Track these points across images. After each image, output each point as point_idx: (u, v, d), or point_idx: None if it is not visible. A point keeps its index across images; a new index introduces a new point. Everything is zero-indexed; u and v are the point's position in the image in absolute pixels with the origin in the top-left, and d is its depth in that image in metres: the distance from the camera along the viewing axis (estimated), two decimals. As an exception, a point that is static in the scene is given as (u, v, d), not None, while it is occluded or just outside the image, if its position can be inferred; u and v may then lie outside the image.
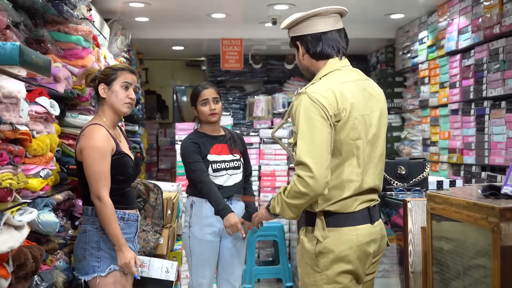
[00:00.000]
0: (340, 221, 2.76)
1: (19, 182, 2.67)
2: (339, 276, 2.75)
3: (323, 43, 2.84)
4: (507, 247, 2.30)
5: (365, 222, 2.79)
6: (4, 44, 2.30)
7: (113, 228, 3.24)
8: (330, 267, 2.75)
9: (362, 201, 2.79)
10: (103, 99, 3.42)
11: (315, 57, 2.88)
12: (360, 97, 2.78)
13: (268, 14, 7.29)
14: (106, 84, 3.40)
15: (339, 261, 2.74)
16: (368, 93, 2.84)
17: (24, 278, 2.69)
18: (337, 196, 2.74)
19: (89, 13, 4.58)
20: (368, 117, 2.79)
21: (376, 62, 9.58)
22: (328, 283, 2.76)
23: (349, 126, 2.71)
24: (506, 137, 5.35)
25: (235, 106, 9.96)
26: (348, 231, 2.75)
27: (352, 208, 2.76)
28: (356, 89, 2.79)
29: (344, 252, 2.73)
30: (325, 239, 2.76)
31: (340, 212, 2.76)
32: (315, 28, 2.83)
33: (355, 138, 2.73)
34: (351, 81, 2.81)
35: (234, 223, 4.06)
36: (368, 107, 2.80)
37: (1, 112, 2.62)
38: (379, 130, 2.84)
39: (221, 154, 4.22)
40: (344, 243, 2.74)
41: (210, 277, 4.25)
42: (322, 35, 2.84)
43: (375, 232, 2.83)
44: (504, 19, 5.35)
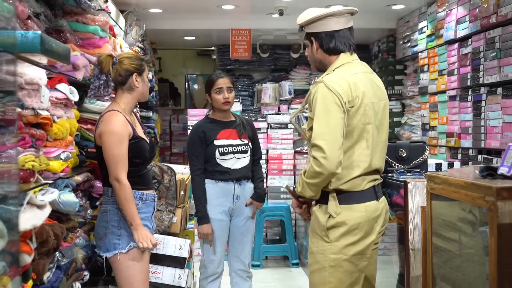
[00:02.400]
0: (352, 199, 2.90)
1: (41, 164, 2.68)
2: (346, 248, 2.88)
3: (336, 40, 2.98)
4: (504, 224, 2.30)
5: (372, 199, 2.93)
6: (26, 33, 2.30)
7: (130, 208, 3.25)
8: (339, 239, 2.88)
9: (369, 180, 2.93)
10: (130, 88, 3.43)
11: (328, 52, 3.02)
12: (369, 86, 2.94)
13: (275, 6, 7.27)
14: (138, 74, 3.44)
15: (348, 234, 2.87)
16: (376, 84, 3.01)
17: (46, 254, 2.70)
18: (347, 175, 2.87)
19: (106, 5, 4.58)
20: (377, 105, 2.94)
21: (378, 51, 9.53)
22: (336, 253, 2.88)
23: (361, 112, 2.85)
24: (502, 122, 5.33)
25: (244, 93, 9.94)
26: (358, 208, 2.89)
27: (361, 186, 2.90)
28: (365, 79, 2.95)
29: (355, 226, 2.87)
30: (338, 215, 2.89)
31: (350, 190, 2.89)
32: (329, 27, 2.97)
33: (366, 122, 2.87)
34: (361, 72, 2.97)
35: (206, 233, 4.18)
36: (376, 96, 2.96)
37: (24, 97, 2.62)
38: (384, 118, 2.99)
39: (229, 138, 4.22)
40: (355, 218, 2.87)
41: (221, 254, 4.26)
42: (335, 33, 2.98)
43: (380, 208, 2.97)
44: (501, 9, 5.31)
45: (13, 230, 1.85)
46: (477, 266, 2.55)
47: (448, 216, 2.86)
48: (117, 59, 3.44)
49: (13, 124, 2.00)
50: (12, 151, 1.97)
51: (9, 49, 1.86)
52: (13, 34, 1.97)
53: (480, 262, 2.49)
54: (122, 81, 3.42)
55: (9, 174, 1.94)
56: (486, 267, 2.39)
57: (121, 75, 3.41)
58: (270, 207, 6.69)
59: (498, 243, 2.30)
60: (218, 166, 4.18)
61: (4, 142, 1.94)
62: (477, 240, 2.53)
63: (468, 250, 2.63)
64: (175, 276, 4.05)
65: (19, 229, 2.08)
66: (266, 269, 6.52)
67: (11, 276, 1.83)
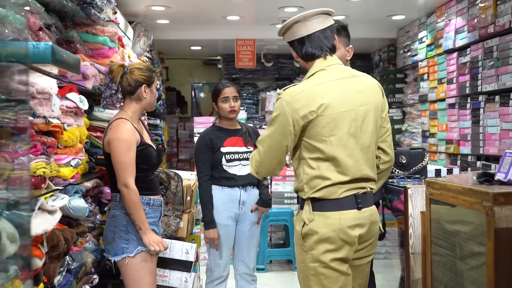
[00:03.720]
0: (326, 206, 2.75)
1: (52, 170, 2.69)
2: (323, 255, 2.74)
3: (306, 45, 2.84)
4: (500, 229, 2.30)
5: (351, 208, 2.75)
6: (38, 44, 2.32)
7: (139, 213, 3.27)
8: (315, 247, 2.75)
9: (347, 189, 2.76)
10: (138, 98, 3.43)
11: (304, 58, 2.89)
12: (339, 95, 2.75)
13: (279, 16, 7.29)
14: (147, 86, 3.44)
15: (322, 242, 2.73)
16: (353, 89, 2.80)
17: (57, 258, 2.71)
18: (319, 184, 2.75)
19: (115, 16, 4.60)
20: (350, 112, 2.75)
21: (379, 60, 9.55)
22: (313, 262, 2.76)
23: (321, 124, 2.71)
24: (500, 129, 5.34)
25: (249, 101, 9.97)
26: (331, 215, 2.74)
27: (336, 195, 2.74)
28: (335, 88, 2.77)
29: (327, 234, 2.72)
30: (310, 222, 2.77)
31: (325, 198, 2.75)
32: (299, 33, 2.83)
33: (328, 135, 2.72)
34: (331, 80, 2.79)
35: (213, 238, 4.18)
36: (350, 103, 2.76)
37: (35, 106, 2.64)
38: (367, 123, 2.80)
39: (235, 146, 4.24)
40: (327, 225, 2.73)
41: (227, 258, 4.27)
42: (305, 38, 2.83)
43: (362, 218, 2.77)
44: (498, 19, 5.32)
45: (25, 234, 1.86)
46: (475, 269, 2.55)
47: (447, 220, 2.86)
48: (128, 69, 3.45)
49: (25, 132, 2.01)
50: (24, 158, 1.98)
51: (22, 60, 1.87)
52: (25, 45, 1.99)
53: (478, 266, 2.49)
54: (131, 91, 3.42)
55: (21, 181, 1.95)
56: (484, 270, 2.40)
57: (130, 85, 3.42)
58: (274, 212, 6.69)
59: (495, 247, 2.30)
60: (225, 172, 4.19)
61: (17, 149, 1.96)
62: (474, 244, 2.53)
63: (466, 254, 2.63)
64: (181, 280, 4.05)
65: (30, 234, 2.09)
66: (271, 272, 6.51)
67: (23, 280, 1.83)
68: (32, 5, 2.80)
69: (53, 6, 3.33)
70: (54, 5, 3.32)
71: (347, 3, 6.76)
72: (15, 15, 1.93)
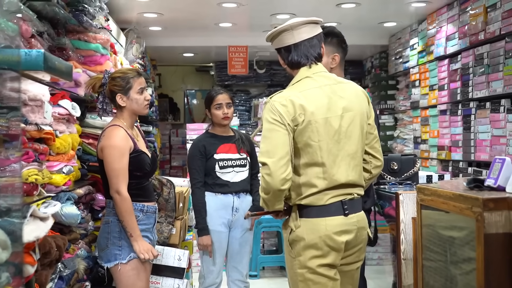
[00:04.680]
0: (312, 213, 2.76)
1: (44, 177, 2.69)
2: (310, 261, 2.75)
3: (293, 54, 2.85)
4: (490, 234, 2.31)
5: (337, 214, 2.76)
6: (30, 51, 2.32)
7: (130, 220, 3.27)
8: (302, 254, 2.76)
9: (333, 195, 2.77)
10: (119, 107, 3.43)
11: (290, 66, 2.91)
12: (324, 101, 2.77)
13: (271, 23, 7.31)
14: (123, 94, 3.39)
15: (309, 248, 2.75)
16: (338, 96, 2.81)
17: (49, 265, 2.71)
18: (306, 191, 2.76)
19: (107, 23, 4.61)
20: (335, 118, 2.77)
21: (371, 67, 9.59)
22: (301, 268, 2.77)
23: (309, 129, 2.73)
24: (491, 135, 5.37)
25: (241, 108, 9.98)
26: (317, 222, 2.74)
27: (322, 201, 2.75)
28: (320, 94, 2.79)
29: (314, 240, 2.74)
30: (297, 229, 2.78)
31: (311, 205, 2.76)
32: (286, 41, 2.85)
33: (317, 140, 2.73)
34: (316, 87, 2.81)
35: (206, 245, 4.16)
36: (334, 109, 2.78)
37: (27, 113, 2.64)
38: (352, 129, 2.80)
39: (228, 152, 4.24)
40: (313, 232, 2.74)
41: (220, 265, 4.26)
42: (292, 47, 2.85)
43: (349, 224, 2.77)
44: (489, 26, 5.36)
45: (16, 241, 1.86)
46: (465, 275, 2.56)
47: (438, 226, 2.87)
48: (107, 79, 3.44)
49: (17, 139, 2.02)
50: (16, 165, 1.98)
51: (14, 67, 1.88)
52: (17, 52, 1.99)
53: (468, 271, 2.51)
54: (112, 100, 3.44)
55: (13, 188, 1.95)
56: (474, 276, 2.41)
57: (109, 96, 3.44)
58: (267, 218, 6.67)
59: (485, 253, 2.32)
60: (218, 179, 4.20)
61: (8, 156, 1.96)
62: (465, 249, 2.55)
63: (457, 259, 2.65)
64: (174, 286, 4.06)
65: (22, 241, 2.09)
66: (263, 279, 6.51)
67: (14, 287, 1.83)
68: (24, 12, 2.81)
69: (45, 13, 3.33)
70: (46, 12, 3.33)
71: (339, 10, 6.79)
72: (7, 22, 1.93)
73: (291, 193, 2.81)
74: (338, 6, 6.64)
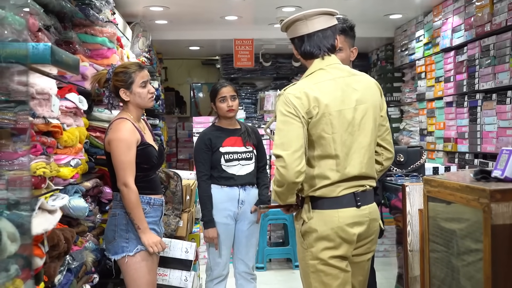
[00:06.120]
0: (324, 205, 2.76)
1: (52, 170, 2.70)
2: (322, 253, 2.75)
3: (305, 44, 2.84)
4: (497, 225, 2.31)
5: (350, 206, 2.76)
6: (37, 45, 2.32)
7: (137, 213, 3.27)
8: (314, 245, 2.77)
9: (346, 187, 2.77)
10: (123, 101, 3.44)
11: (304, 56, 2.90)
12: (338, 93, 2.76)
13: (277, 16, 7.30)
14: (126, 88, 3.39)
15: (321, 239, 2.75)
16: (352, 88, 2.81)
17: (57, 257, 2.72)
18: (319, 183, 2.76)
19: (113, 17, 4.61)
20: (348, 111, 2.76)
21: (377, 59, 9.56)
22: (313, 259, 2.78)
23: (323, 122, 2.72)
24: (497, 127, 5.35)
25: (247, 101, 9.98)
26: (330, 213, 2.75)
27: (335, 193, 2.75)
28: (333, 86, 2.77)
29: (326, 232, 2.74)
30: (310, 220, 2.78)
31: (324, 196, 2.76)
32: (300, 31, 2.84)
33: (331, 132, 2.73)
34: (330, 79, 2.79)
35: (212, 237, 4.17)
36: (347, 102, 2.77)
37: (35, 107, 2.65)
38: (366, 122, 2.81)
39: (234, 146, 4.24)
40: (326, 223, 2.74)
41: (226, 257, 4.27)
42: (306, 37, 2.83)
43: (361, 215, 2.78)
44: (495, 17, 5.33)
45: (25, 234, 1.86)
46: (472, 266, 2.56)
47: (444, 218, 2.87)
48: (111, 74, 3.44)
49: (25, 133, 2.02)
50: (24, 158, 1.99)
51: (21, 61, 1.88)
52: (24, 46, 1.99)
53: (475, 262, 2.50)
54: (116, 95, 3.44)
55: (21, 181, 1.96)
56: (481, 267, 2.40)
57: (113, 91, 3.44)
58: (273, 211, 6.68)
59: (492, 244, 2.31)
60: (224, 172, 4.20)
61: (16, 150, 1.96)
62: (471, 241, 2.54)
63: (463, 251, 2.64)
64: (181, 278, 4.06)
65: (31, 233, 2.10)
66: (270, 271, 6.52)
67: (23, 279, 1.84)
68: (31, 6, 2.81)
69: (52, 7, 3.34)
70: (53, 6, 3.33)
71: (344, 2, 6.77)
72: (14, 16, 1.93)
73: (303, 185, 2.81)
74: (344, -2, 6.63)
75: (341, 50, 3.39)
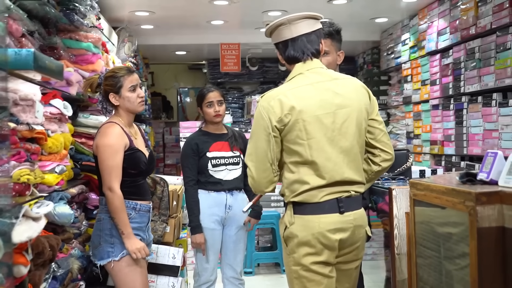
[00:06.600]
0: (306, 210, 2.74)
1: (36, 177, 2.67)
2: (303, 258, 2.73)
3: (290, 48, 2.82)
4: (483, 228, 2.31)
5: (332, 211, 2.73)
6: (20, 51, 2.29)
7: (122, 217, 3.25)
8: (296, 251, 2.75)
9: (329, 192, 2.73)
10: (113, 105, 3.43)
11: (288, 61, 2.88)
12: (316, 98, 2.73)
13: (263, 20, 7.30)
14: (115, 93, 3.39)
15: (302, 245, 2.73)
16: (332, 92, 2.77)
17: (42, 265, 2.69)
18: (300, 188, 2.74)
19: (98, 22, 4.59)
20: (327, 115, 2.73)
21: (363, 63, 9.59)
22: (295, 265, 2.77)
23: (297, 128, 2.70)
24: (483, 129, 5.37)
25: (234, 105, 9.98)
26: (311, 219, 2.72)
27: (316, 198, 2.72)
28: (311, 91, 2.75)
29: (306, 238, 2.71)
30: (291, 225, 2.77)
31: (305, 202, 2.74)
32: (284, 36, 2.82)
33: (306, 138, 2.70)
34: (308, 84, 2.77)
35: (199, 243, 4.15)
36: (326, 106, 2.74)
37: (18, 113, 2.62)
38: (348, 126, 2.76)
39: (221, 150, 4.23)
40: (306, 229, 2.72)
41: (214, 262, 4.25)
42: (289, 41, 2.81)
43: (344, 222, 2.74)
44: (480, 20, 5.36)
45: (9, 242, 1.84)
46: (459, 269, 2.56)
47: (431, 221, 2.87)
48: (102, 79, 3.44)
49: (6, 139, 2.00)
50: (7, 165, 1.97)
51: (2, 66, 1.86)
52: (5, 51, 1.98)
53: (462, 265, 2.50)
54: (106, 99, 3.44)
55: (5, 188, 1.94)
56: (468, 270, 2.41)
57: (104, 95, 3.44)
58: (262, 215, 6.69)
59: (478, 247, 2.31)
60: (211, 177, 4.19)
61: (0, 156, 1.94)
62: (458, 243, 2.55)
63: (450, 254, 2.65)
64: (169, 285, 4.05)
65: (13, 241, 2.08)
66: (258, 276, 6.51)
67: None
68: (14, 11, 2.79)
69: (36, 12, 3.31)
70: (37, 11, 3.31)
71: (331, 6, 6.78)
72: (-4, 22, 1.92)
73: (285, 191, 2.80)
74: (330, 2, 6.64)
75: (328, 54, 3.38)
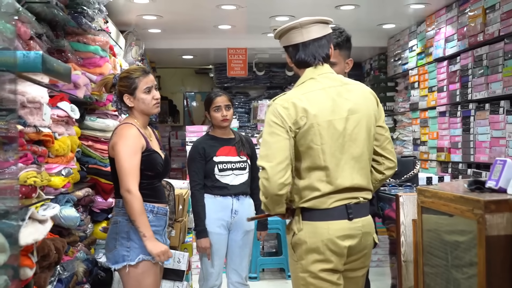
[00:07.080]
0: (315, 216, 2.71)
1: (43, 180, 2.68)
2: (312, 265, 2.70)
3: (300, 52, 2.81)
4: (492, 236, 2.29)
5: (341, 218, 2.71)
6: (28, 53, 2.30)
7: (142, 220, 3.13)
8: (304, 257, 2.72)
9: (338, 199, 2.72)
10: (128, 107, 3.36)
11: (297, 65, 2.86)
12: (328, 103, 2.72)
13: (270, 25, 7.30)
14: (129, 94, 3.31)
15: (311, 252, 2.70)
16: (343, 98, 2.76)
17: (48, 267, 2.69)
18: (309, 194, 2.72)
19: (106, 25, 4.60)
20: (339, 121, 2.72)
21: (370, 69, 9.57)
22: (303, 272, 2.73)
23: (311, 132, 2.68)
24: (490, 137, 5.35)
25: (241, 110, 9.97)
26: (320, 225, 2.70)
27: (326, 205, 2.70)
28: (323, 96, 2.74)
29: (315, 244, 2.69)
30: (299, 232, 2.74)
31: (314, 208, 2.72)
32: (294, 40, 2.81)
33: (320, 143, 2.69)
34: (320, 89, 2.76)
35: (205, 247, 4.13)
36: (338, 112, 2.73)
37: (26, 115, 2.63)
38: (358, 132, 2.75)
39: (228, 155, 4.22)
40: (315, 235, 2.70)
41: (219, 267, 4.24)
42: (300, 45, 2.80)
43: (353, 228, 2.72)
44: (487, 27, 5.34)
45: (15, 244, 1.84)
46: (466, 277, 2.54)
47: (438, 228, 2.86)
48: (117, 79, 3.37)
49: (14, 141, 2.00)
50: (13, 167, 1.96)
51: (11, 69, 1.86)
52: (14, 54, 1.98)
53: (470, 273, 2.49)
54: (121, 101, 3.38)
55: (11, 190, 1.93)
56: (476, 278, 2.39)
57: (119, 96, 3.37)
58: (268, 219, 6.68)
59: (486, 255, 2.30)
60: (217, 182, 4.18)
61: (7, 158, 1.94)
62: (466, 251, 2.53)
63: (458, 262, 2.63)
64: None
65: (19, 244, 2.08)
66: (263, 281, 6.49)
67: (13, 290, 1.82)
68: (23, 14, 2.79)
69: (44, 15, 3.32)
70: (45, 14, 3.31)
71: (338, 12, 6.77)
72: (5, 24, 1.92)
73: (294, 196, 2.77)
74: (337, 8, 6.63)
75: (335, 64, 3.30)
